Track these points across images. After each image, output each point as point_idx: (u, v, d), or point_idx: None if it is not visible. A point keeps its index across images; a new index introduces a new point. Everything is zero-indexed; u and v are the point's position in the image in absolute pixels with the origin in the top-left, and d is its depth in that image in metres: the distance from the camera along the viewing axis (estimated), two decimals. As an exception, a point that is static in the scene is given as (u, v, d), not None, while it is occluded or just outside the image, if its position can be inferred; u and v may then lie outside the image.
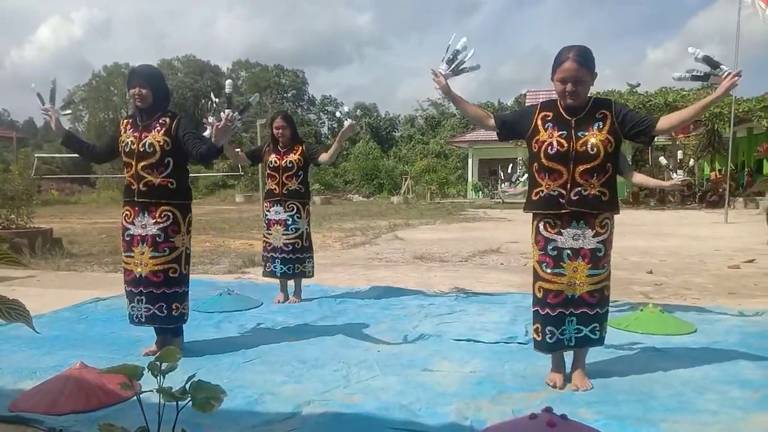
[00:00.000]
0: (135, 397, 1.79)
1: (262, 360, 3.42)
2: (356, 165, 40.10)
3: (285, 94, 55.88)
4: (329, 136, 53.77)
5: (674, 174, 3.60)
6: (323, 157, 4.96)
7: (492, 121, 3.14)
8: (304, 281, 5.28)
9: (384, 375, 3.13)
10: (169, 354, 1.72)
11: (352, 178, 39.91)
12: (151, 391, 1.68)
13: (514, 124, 3.09)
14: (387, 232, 12.23)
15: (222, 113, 3.21)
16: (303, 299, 5.12)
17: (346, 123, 4.66)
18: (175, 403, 1.65)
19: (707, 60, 2.81)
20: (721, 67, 2.80)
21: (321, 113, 57.33)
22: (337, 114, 4.79)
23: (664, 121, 2.86)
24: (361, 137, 48.38)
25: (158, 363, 1.69)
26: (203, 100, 52.71)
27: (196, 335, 3.93)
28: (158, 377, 1.68)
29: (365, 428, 2.44)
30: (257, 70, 56.45)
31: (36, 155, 24.13)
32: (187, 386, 1.67)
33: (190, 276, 3.66)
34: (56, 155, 34.92)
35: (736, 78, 2.75)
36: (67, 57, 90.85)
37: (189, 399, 1.63)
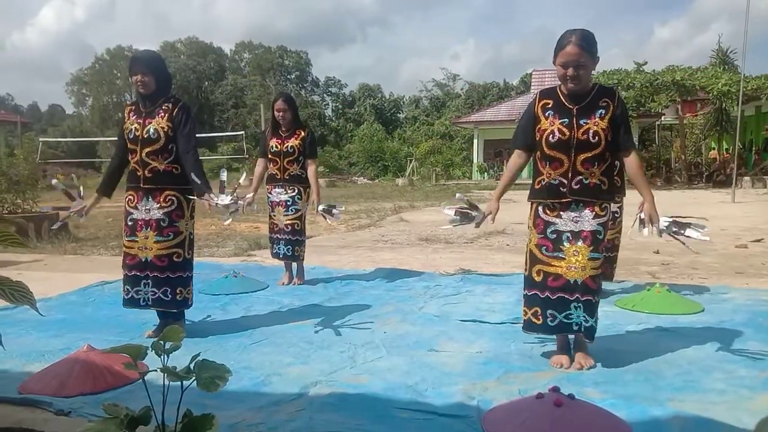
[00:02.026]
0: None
1: (268, 341, 3.43)
2: (361, 147, 39.96)
3: (288, 76, 55.59)
4: (333, 118, 53.56)
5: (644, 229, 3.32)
6: (309, 167, 4.94)
7: (524, 154, 3.02)
8: (309, 263, 5.29)
9: (390, 356, 3.13)
10: (173, 333, 1.72)
11: (357, 160, 39.80)
12: (156, 370, 1.68)
13: (529, 131, 2.96)
14: (392, 214, 12.22)
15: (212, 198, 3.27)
16: (308, 281, 5.13)
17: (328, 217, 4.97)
18: (179, 383, 1.65)
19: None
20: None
21: (325, 95, 57.06)
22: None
23: (632, 159, 2.88)
24: (366, 119, 48.18)
25: (162, 342, 1.69)
26: (206, 83, 52.54)
27: (202, 317, 3.94)
28: (162, 356, 1.67)
29: (372, 408, 2.44)
30: (260, 51, 56.10)
31: (40, 140, 24.20)
32: (192, 365, 1.67)
33: (196, 259, 3.67)
34: (61, 139, 34.97)
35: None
36: (70, 40, 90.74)
37: (193, 378, 1.63)
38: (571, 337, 3.03)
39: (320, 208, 4.91)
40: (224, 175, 3.51)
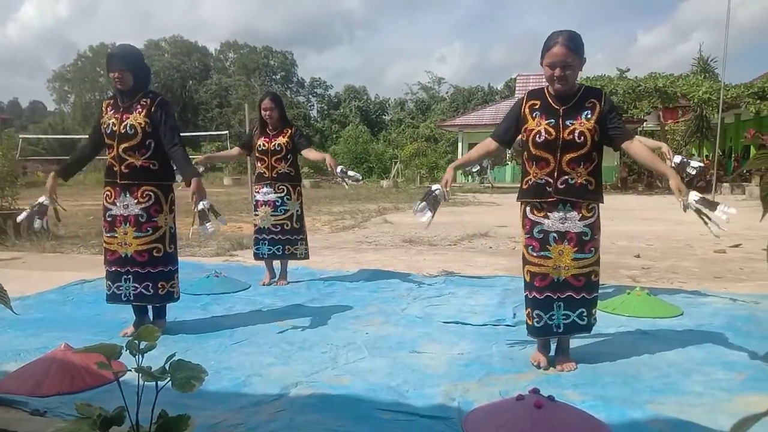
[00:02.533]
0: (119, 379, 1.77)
1: (249, 342, 3.41)
2: (346, 148, 39.92)
3: (274, 76, 55.37)
4: (318, 119, 53.45)
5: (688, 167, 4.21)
6: (309, 154, 4.95)
7: (495, 144, 3.07)
8: (292, 264, 5.26)
9: (372, 357, 3.13)
10: (148, 333, 1.69)
11: (342, 161, 39.58)
12: (131, 370, 1.65)
13: (511, 128, 3.02)
14: (376, 215, 12.21)
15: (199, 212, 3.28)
16: (291, 282, 5.10)
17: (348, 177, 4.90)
18: (154, 383, 1.63)
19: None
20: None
21: (310, 95, 56.89)
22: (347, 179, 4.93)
23: (636, 145, 2.86)
24: (351, 121, 48.15)
25: (136, 342, 1.66)
26: (190, 82, 52.18)
27: (183, 317, 3.90)
28: (137, 356, 1.65)
29: (353, 409, 2.43)
30: (246, 51, 55.83)
31: (21, 136, 23.85)
32: (167, 366, 1.64)
33: (178, 258, 3.64)
34: (41, 136, 34.51)
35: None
36: (52, 36, 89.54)
37: (168, 379, 1.60)
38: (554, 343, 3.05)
39: (338, 169, 4.85)
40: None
